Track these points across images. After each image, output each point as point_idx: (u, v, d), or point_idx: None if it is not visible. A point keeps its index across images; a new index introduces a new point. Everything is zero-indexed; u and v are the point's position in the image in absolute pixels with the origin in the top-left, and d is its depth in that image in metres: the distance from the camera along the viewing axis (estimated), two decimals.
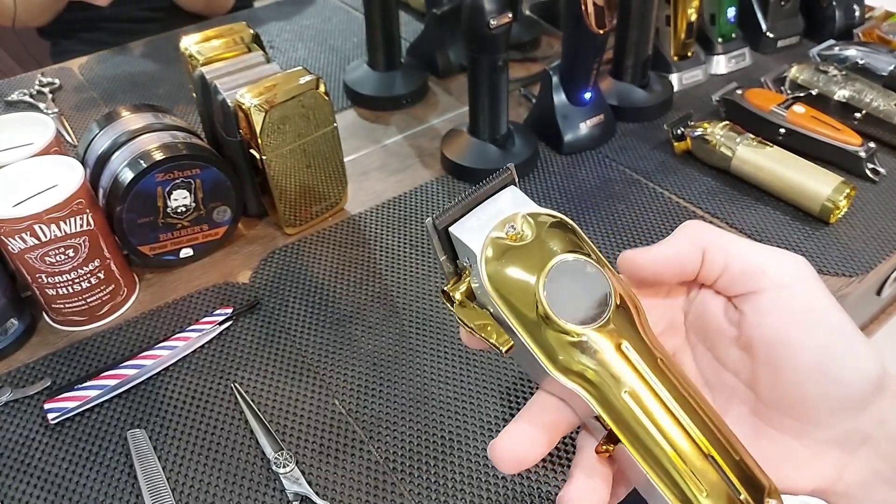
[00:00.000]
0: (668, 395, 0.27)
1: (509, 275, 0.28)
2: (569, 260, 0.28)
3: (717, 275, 0.30)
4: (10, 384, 0.55)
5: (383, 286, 0.63)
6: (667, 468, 0.26)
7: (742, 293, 0.29)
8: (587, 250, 0.29)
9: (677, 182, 0.74)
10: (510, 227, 0.29)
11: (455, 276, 0.30)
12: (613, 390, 0.27)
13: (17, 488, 0.48)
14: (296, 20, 1.10)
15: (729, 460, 0.27)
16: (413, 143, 0.82)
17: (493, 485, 0.48)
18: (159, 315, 0.61)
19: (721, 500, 0.26)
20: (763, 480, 0.27)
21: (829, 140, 0.73)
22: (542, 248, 0.29)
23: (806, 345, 0.27)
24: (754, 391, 0.30)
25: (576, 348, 0.27)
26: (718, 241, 0.30)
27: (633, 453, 0.26)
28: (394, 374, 0.55)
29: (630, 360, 0.27)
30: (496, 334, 0.28)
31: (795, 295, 0.28)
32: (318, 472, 0.49)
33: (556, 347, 0.27)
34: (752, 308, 0.29)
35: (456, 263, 0.31)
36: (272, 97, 0.60)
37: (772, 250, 0.29)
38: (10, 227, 0.51)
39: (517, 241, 0.29)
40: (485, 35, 0.65)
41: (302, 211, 0.68)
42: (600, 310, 0.28)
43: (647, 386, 0.27)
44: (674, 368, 0.28)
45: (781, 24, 0.96)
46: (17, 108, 0.89)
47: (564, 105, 0.78)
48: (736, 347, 0.30)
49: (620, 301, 0.28)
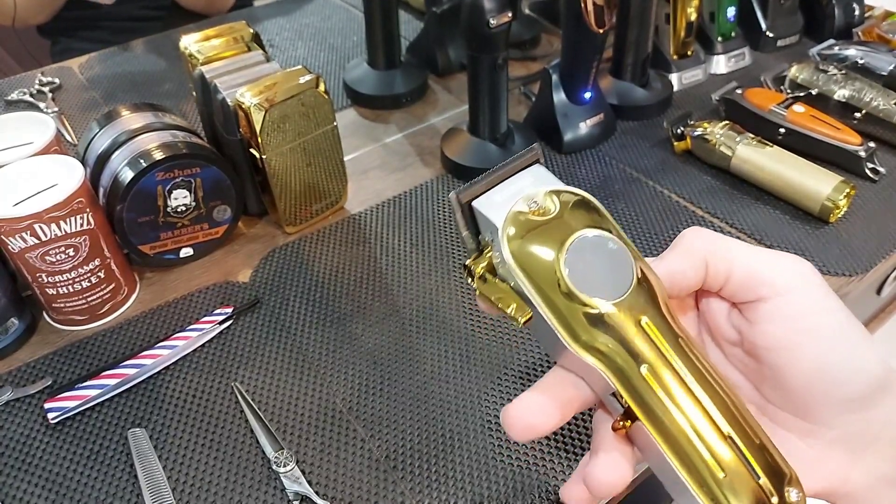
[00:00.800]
0: (688, 373, 0.27)
1: (531, 249, 0.28)
2: (590, 235, 0.28)
3: (722, 284, 0.30)
4: (10, 383, 0.55)
5: (383, 285, 0.63)
6: (684, 447, 0.26)
7: (745, 301, 0.29)
8: (611, 228, 0.29)
9: (677, 181, 0.74)
10: (533, 203, 0.29)
11: (477, 250, 0.30)
12: (632, 366, 0.27)
13: (18, 487, 0.48)
14: (295, 19, 1.10)
15: (749, 444, 0.26)
16: (413, 142, 0.82)
17: (493, 482, 0.48)
18: (159, 314, 0.61)
19: (740, 482, 0.26)
20: (784, 468, 0.27)
21: (828, 139, 0.73)
22: (565, 224, 0.28)
23: (807, 350, 0.28)
24: (760, 392, 0.30)
25: (595, 323, 0.27)
26: (720, 249, 0.30)
27: (651, 431, 0.26)
28: (394, 372, 0.55)
29: (650, 337, 0.27)
30: (515, 305, 0.28)
31: (796, 301, 0.28)
32: (319, 471, 0.49)
33: (575, 322, 0.27)
34: (754, 316, 0.29)
35: (478, 238, 0.30)
36: (272, 96, 0.60)
37: (773, 256, 0.29)
38: (11, 226, 0.51)
39: (540, 216, 0.28)
40: (485, 34, 0.65)
41: (302, 210, 0.68)
42: (621, 285, 0.28)
43: (667, 363, 0.27)
44: (694, 348, 0.28)
45: (781, 24, 0.96)
46: (17, 107, 0.89)
47: (564, 104, 0.78)
48: (740, 350, 0.31)
49: (642, 276, 0.28)
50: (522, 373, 0.55)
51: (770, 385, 0.29)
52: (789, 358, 0.28)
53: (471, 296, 0.62)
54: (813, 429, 0.29)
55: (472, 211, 0.30)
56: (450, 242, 0.67)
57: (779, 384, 0.29)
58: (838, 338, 0.28)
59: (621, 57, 0.83)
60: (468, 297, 0.61)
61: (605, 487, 0.27)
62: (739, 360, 0.31)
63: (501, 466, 0.49)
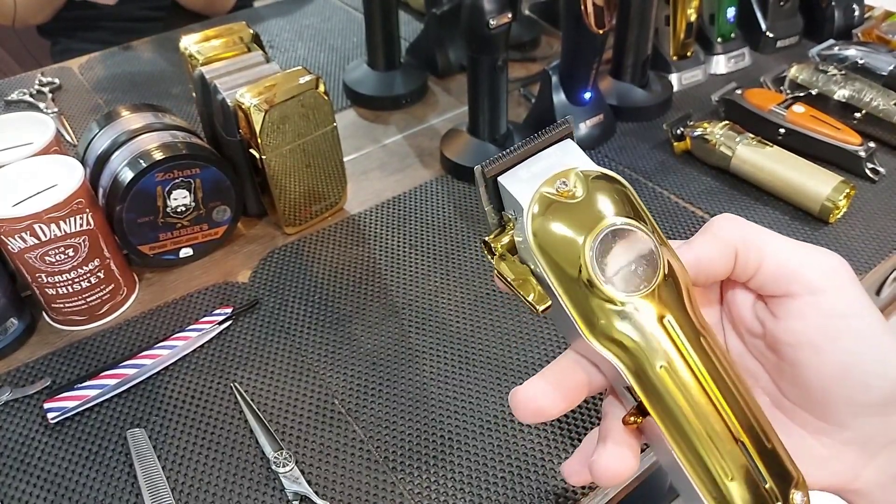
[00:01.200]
0: (706, 374, 0.26)
1: (555, 233, 0.27)
2: (618, 224, 0.27)
3: (751, 275, 0.29)
4: (9, 384, 0.55)
5: (383, 286, 0.63)
6: (695, 447, 0.26)
7: (774, 295, 0.28)
8: (642, 217, 0.28)
9: (677, 182, 0.74)
10: (562, 183, 0.27)
11: (499, 227, 0.29)
12: (649, 362, 0.26)
13: (18, 488, 0.48)
14: (295, 20, 1.10)
15: (759, 447, 0.26)
16: (413, 143, 0.82)
17: (493, 484, 0.48)
18: (159, 314, 0.61)
19: (746, 486, 0.25)
20: (792, 471, 0.26)
21: (828, 140, 0.73)
22: (593, 209, 0.27)
23: (832, 351, 0.27)
24: (777, 386, 0.30)
25: (616, 316, 0.26)
26: (752, 239, 0.28)
27: (662, 429, 0.26)
28: (393, 373, 0.55)
29: (671, 335, 0.26)
30: (534, 292, 0.27)
31: (827, 301, 0.27)
32: (318, 472, 0.49)
33: (595, 313, 0.26)
34: (781, 311, 0.28)
35: (501, 214, 0.29)
36: (272, 97, 0.60)
37: (808, 250, 0.28)
38: (10, 226, 0.51)
39: (567, 199, 0.27)
40: (484, 35, 0.65)
41: (302, 210, 0.68)
42: (646, 279, 0.26)
43: (685, 363, 0.26)
44: (717, 349, 0.27)
45: (781, 24, 0.96)
46: (17, 107, 0.89)
47: (564, 105, 0.78)
48: (762, 342, 0.30)
49: (669, 272, 0.27)
50: (522, 373, 0.55)
51: (788, 381, 0.29)
52: (813, 358, 0.27)
53: (471, 297, 0.62)
54: (828, 428, 0.28)
55: (497, 186, 0.28)
56: (450, 243, 0.67)
57: (798, 382, 0.28)
58: (866, 342, 0.27)
59: (621, 58, 0.83)
60: (468, 298, 0.61)
61: (610, 478, 0.27)
62: (760, 352, 0.30)
63: (501, 467, 0.49)
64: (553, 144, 0.29)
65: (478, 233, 0.69)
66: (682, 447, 0.26)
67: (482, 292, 0.62)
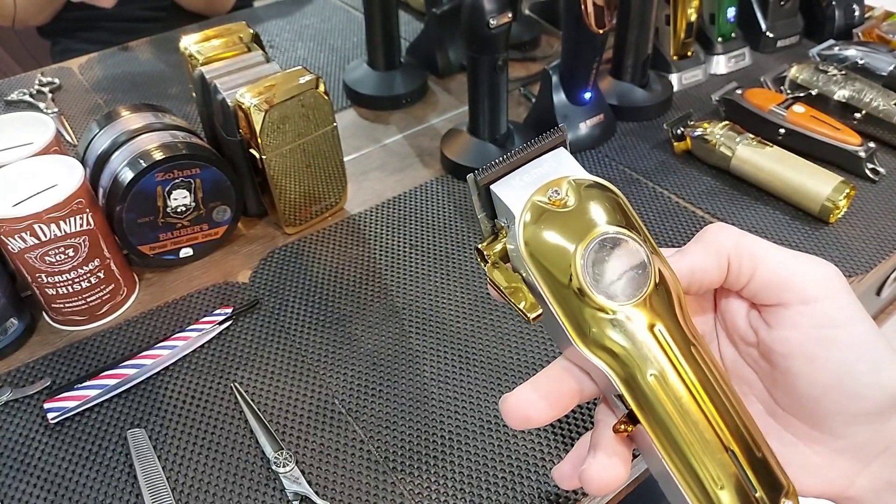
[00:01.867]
0: (696, 383, 0.26)
1: (547, 241, 0.27)
2: (610, 233, 0.27)
3: (744, 284, 0.29)
4: (9, 384, 0.55)
5: (383, 286, 0.63)
6: (686, 456, 0.26)
7: (767, 304, 0.28)
8: (633, 225, 0.28)
9: (677, 182, 0.74)
10: (554, 192, 0.28)
11: (492, 234, 0.29)
12: (640, 371, 0.26)
13: (17, 488, 0.48)
14: (296, 20, 1.10)
15: (750, 457, 0.26)
16: (413, 143, 0.82)
17: (492, 484, 0.48)
18: (159, 315, 0.61)
19: (736, 494, 0.25)
20: (783, 480, 0.26)
21: (828, 140, 0.73)
22: (585, 218, 0.27)
23: (825, 360, 0.27)
24: (771, 394, 0.30)
25: (607, 324, 0.26)
26: (745, 248, 0.28)
27: (653, 438, 0.26)
28: (394, 373, 0.55)
29: (661, 343, 0.26)
30: (525, 300, 0.27)
31: (820, 310, 0.27)
32: (318, 472, 0.49)
33: (586, 321, 0.26)
34: (775, 320, 0.28)
35: (494, 222, 0.29)
36: (272, 97, 0.60)
37: (801, 259, 0.28)
38: (10, 226, 0.51)
39: (559, 207, 0.27)
40: (485, 35, 0.65)
41: (302, 210, 0.68)
42: (637, 288, 0.27)
43: (676, 371, 0.26)
44: (708, 358, 0.27)
45: (781, 24, 0.96)
46: (17, 107, 0.89)
47: (564, 105, 0.78)
48: (755, 350, 0.30)
49: (660, 280, 0.27)
50: (522, 373, 0.55)
51: (782, 390, 0.29)
52: (806, 367, 0.27)
53: (470, 297, 0.62)
54: (821, 437, 0.28)
55: (490, 194, 0.29)
56: (450, 244, 0.67)
57: (791, 390, 0.28)
58: (859, 351, 0.27)
59: (621, 58, 0.83)
60: (468, 299, 0.61)
61: (599, 488, 0.27)
62: (753, 360, 0.30)
63: (501, 468, 0.49)
64: (546, 153, 0.29)
65: (478, 233, 0.69)
66: (673, 455, 0.26)
67: (482, 292, 0.62)
